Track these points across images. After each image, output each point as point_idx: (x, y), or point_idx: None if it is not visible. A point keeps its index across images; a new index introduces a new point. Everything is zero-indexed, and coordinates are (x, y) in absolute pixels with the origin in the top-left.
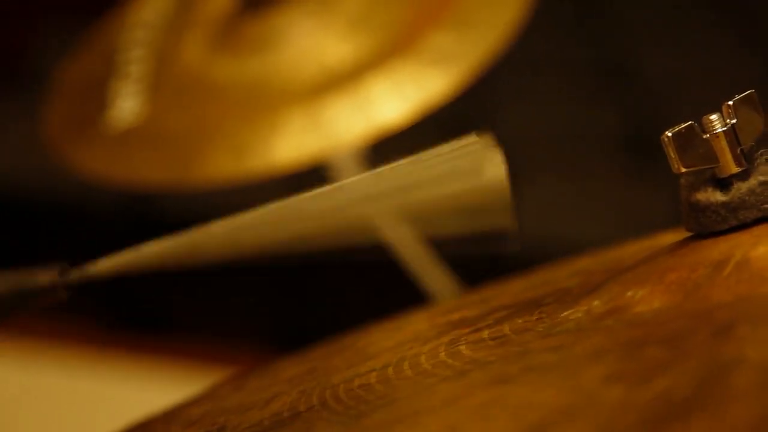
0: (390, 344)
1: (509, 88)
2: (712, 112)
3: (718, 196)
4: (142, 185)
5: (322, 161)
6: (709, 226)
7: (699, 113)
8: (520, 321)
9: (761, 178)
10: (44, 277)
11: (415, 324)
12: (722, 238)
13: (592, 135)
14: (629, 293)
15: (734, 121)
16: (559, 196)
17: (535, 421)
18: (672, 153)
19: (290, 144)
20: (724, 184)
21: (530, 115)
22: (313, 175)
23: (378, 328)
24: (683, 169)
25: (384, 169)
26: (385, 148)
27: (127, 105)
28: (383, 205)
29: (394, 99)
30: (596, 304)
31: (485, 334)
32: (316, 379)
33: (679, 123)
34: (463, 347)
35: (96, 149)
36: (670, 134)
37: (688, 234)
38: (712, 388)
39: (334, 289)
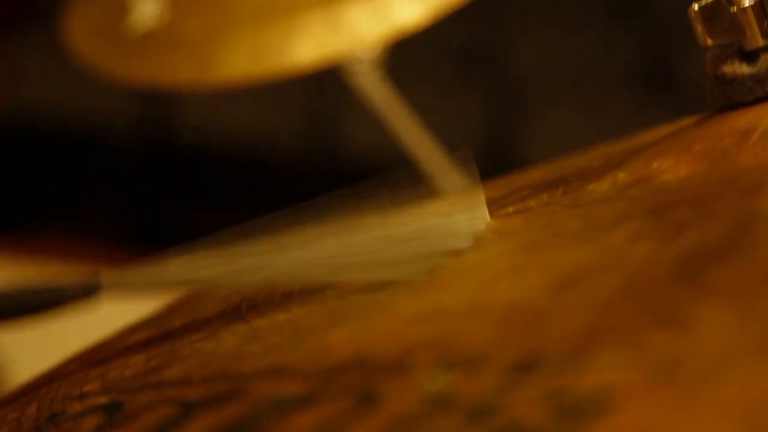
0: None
1: (523, 21)
2: None
3: (745, 69)
4: (163, 87)
5: (340, 62)
6: (735, 97)
7: None
8: (545, 196)
9: None
10: (72, 289)
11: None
12: (748, 109)
13: (607, 67)
14: (654, 164)
15: None
16: (572, 127)
17: (564, 277)
18: (699, 26)
19: (309, 45)
20: (750, 56)
21: (544, 47)
22: (330, 76)
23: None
24: (710, 42)
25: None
26: (402, 50)
27: (147, 9)
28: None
29: (413, 1)
30: (621, 176)
31: (510, 209)
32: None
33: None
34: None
35: (117, 53)
36: (697, 8)
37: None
38: (741, 238)
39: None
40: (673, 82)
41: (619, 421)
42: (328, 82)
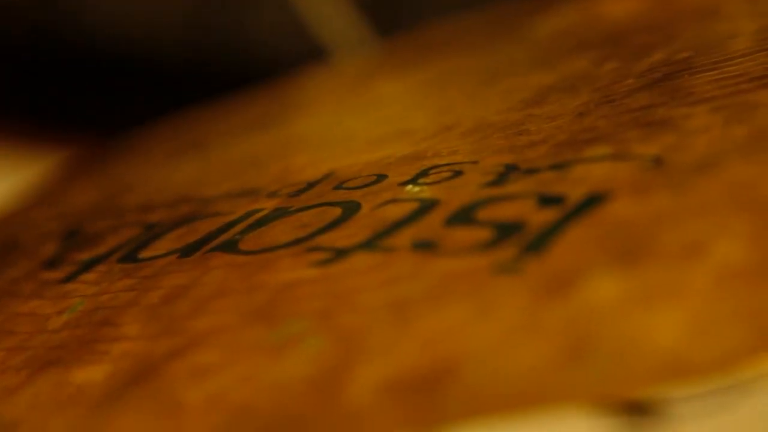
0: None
1: None
2: None
3: None
4: None
5: None
6: None
7: None
8: (485, 35)
9: None
10: None
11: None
12: None
13: None
14: (599, 3)
15: None
16: None
17: (530, 96)
18: None
19: None
20: None
21: None
22: None
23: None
24: None
25: None
26: None
27: None
28: None
29: None
30: (567, 12)
31: (450, 47)
32: None
33: None
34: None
35: None
36: None
37: None
38: (707, 52)
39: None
40: None
41: (611, 212)
42: None
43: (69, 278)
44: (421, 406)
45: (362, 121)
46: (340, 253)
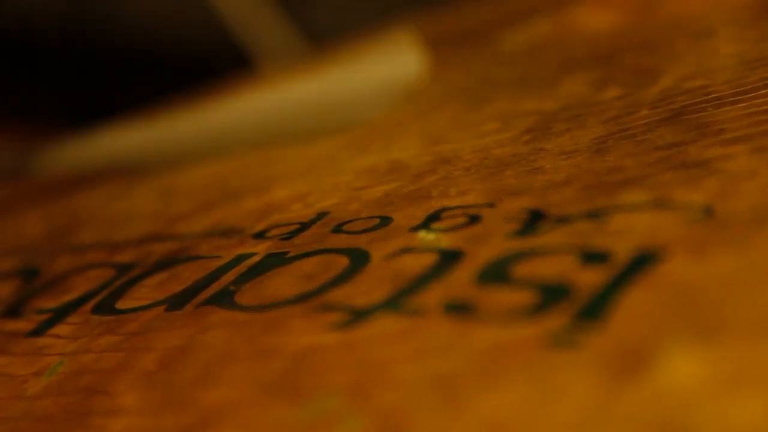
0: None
1: None
2: None
3: None
4: None
5: None
6: None
7: None
8: (459, 49)
9: None
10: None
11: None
12: None
13: None
14: (574, 11)
15: None
16: None
17: (533, 124)
18: None
19: None
20: None
21: None
22: None
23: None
24: None
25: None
26: None
27: None
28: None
29: None
30: (541, 23)
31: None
32: None
33: None
34: None
35: None
36: None
37: None
38: (724, 81)
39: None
40: None
41: (669, 273)
42: None
43: (38, 331)
44: None
45: (335, 143)
46: (360, 315)
